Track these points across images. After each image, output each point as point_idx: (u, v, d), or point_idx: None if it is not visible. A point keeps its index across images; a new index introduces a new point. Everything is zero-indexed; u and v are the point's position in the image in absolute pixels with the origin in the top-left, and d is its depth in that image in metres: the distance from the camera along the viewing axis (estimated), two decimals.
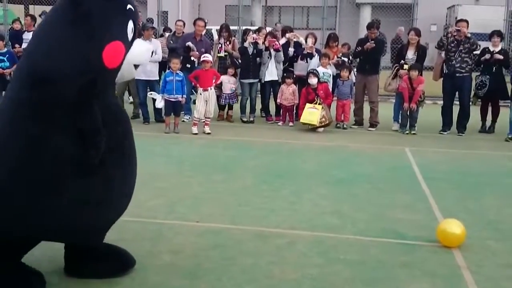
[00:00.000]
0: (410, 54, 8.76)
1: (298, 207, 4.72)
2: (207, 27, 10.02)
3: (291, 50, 9.33)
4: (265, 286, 3.20)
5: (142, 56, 3.03)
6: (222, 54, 9.41)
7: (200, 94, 8.17)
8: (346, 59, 9.56)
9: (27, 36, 10.40)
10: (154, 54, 8.74)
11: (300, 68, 9.23)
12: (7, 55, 8.77)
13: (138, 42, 3.03)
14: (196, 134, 8.01)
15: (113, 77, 2.94)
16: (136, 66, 3.04)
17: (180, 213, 4.48)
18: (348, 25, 21.09)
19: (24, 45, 10.32)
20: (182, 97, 8.14)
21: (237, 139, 7.87)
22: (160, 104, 8.09)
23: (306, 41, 9.38)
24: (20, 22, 11.43)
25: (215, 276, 3.29)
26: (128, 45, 2.88)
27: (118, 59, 2.81)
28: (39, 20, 10.79)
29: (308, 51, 9.19)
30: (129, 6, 2.87)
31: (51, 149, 2.68)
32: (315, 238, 3.98)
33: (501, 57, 8.52)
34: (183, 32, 9.82)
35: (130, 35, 2.88)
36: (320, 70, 8.84)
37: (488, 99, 8.84)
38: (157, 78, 8.93)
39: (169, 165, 6.10)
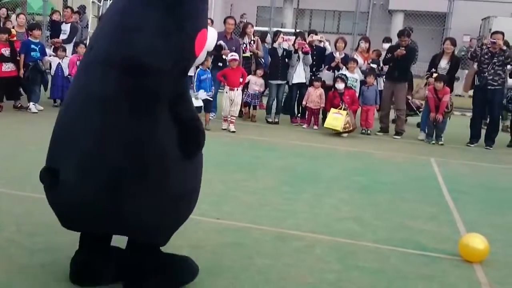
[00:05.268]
0: (443, 64, 8.65)
1: (318, 211, 4.70)
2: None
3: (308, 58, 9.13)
4: None
5: (213, 42, 3.01)
6: (248, 53, 9.43)
7: (226, 92, 8.22)
8: (375, 66, 9.50)
9: (65, 27, 10.63)
10: None
11: (326, 77, 9.23)
12: (39, 46, 8.91)
13: (210, 29, 2.99)
14: (224, 129, 8.08)
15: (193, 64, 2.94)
16: None
17: (201, 209, 4.46)
18: (380, 32, 20.87)
19: (62, 36, 10.51)
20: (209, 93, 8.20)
21: (261, 139, 7.87)
22: (198, 103, 8.03)
23: (336, 46, 9.33)
24: (60, 13, 11.64)
25: (232, 274, 3.29)
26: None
27: (203, 46, 2.81)
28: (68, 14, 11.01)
29: (336, 62, 9.12)
30: None
31: (156, 144, 2.63)
32: (334, 243, 3.95)
33: None
34: None
35: None
36: (347, 75, 8.81)
37: None
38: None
39: None
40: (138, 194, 2.61)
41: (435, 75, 8.46)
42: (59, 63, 9.16)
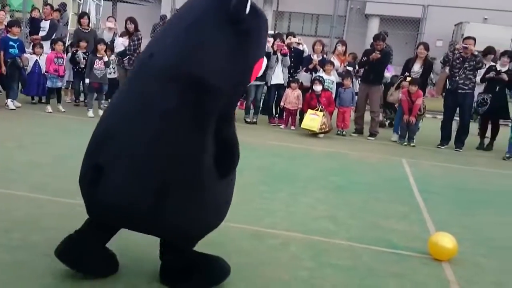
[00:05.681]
0: (417, 67, 8.85)
1: (294, 209, 4.78)
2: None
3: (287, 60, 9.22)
4: (256, 285, 3.25)
5: (264, 69, 3.15)
6: None
7: None
8: (351, 68, 9.66)
9: (45, 24, 10.49)
10: None
11: (304, 79, 9.35)
12: (18, 43, 8.81)
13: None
14: None
15: None
16: None
17: None
18: (356, 35, 21.15)
19: (41, 33, 10.35)
20: None
21: (239, 139, 7.91)
22: None
23: (313, 49, 9.45)
24: (39, 11, 11.50)
25: None
26: None
27: (257, 73, 2.99)
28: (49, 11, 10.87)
29: (313, 64, 9.24)
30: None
31: (203, 158, 2.77)
32: (309, 241, 4.03)
33: (506, 77, 8.56)
34: None
35: None
36: (324, 77, 8.95)
37: (489, 117, 8.92)
38: None
39: None
40: (179, 202, 2.76)
41: (408, 78, 8.65)
42: (36, 60, 9.07)
